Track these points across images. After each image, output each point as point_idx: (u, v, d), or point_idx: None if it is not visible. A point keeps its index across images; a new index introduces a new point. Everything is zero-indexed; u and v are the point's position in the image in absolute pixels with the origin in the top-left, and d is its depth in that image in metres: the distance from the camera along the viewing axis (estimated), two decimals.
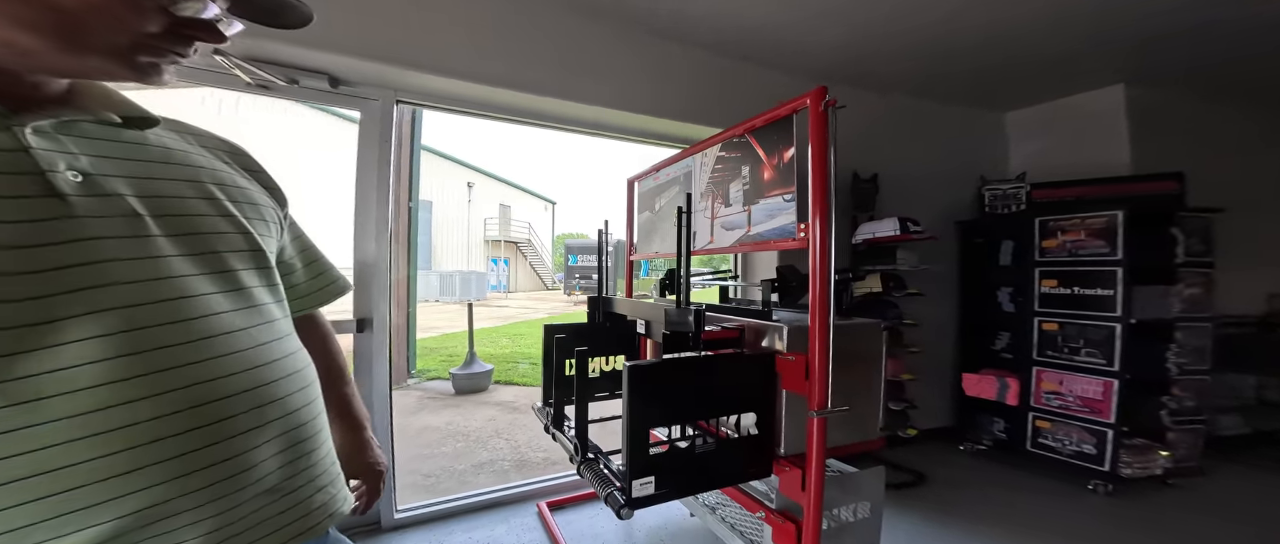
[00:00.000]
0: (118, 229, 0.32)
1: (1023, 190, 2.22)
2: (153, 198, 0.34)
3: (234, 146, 0.46)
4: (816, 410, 0.89)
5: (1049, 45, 1.84)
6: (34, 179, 0.29)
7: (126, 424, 0.29)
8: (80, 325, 0.29)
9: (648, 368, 0.87)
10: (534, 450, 2.64)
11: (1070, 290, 1.96)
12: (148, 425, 0.30)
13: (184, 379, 0.32)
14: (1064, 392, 1.97)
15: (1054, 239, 2.01)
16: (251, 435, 0.35)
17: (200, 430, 0.32)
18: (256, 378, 0.36)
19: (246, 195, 0.42)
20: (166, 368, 0.31)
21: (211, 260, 0.36)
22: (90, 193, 0.31)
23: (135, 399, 0.30)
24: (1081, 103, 2.32)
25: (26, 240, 0.28)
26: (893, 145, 2.31)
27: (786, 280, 1.14)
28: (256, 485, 0.35)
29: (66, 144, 0.32)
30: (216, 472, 0.33)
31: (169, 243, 0.34)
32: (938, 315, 2.39)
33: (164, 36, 0.31)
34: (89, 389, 0.28)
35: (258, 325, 0.38)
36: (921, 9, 1.62)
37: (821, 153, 0.86)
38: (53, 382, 0.27)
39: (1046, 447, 2.03)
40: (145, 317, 0.31)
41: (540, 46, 1.61)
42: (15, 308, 0.27)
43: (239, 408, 0.34)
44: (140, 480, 0.29)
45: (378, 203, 1.50)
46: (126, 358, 0.30)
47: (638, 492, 0.87)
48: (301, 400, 0.40)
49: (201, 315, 0.34)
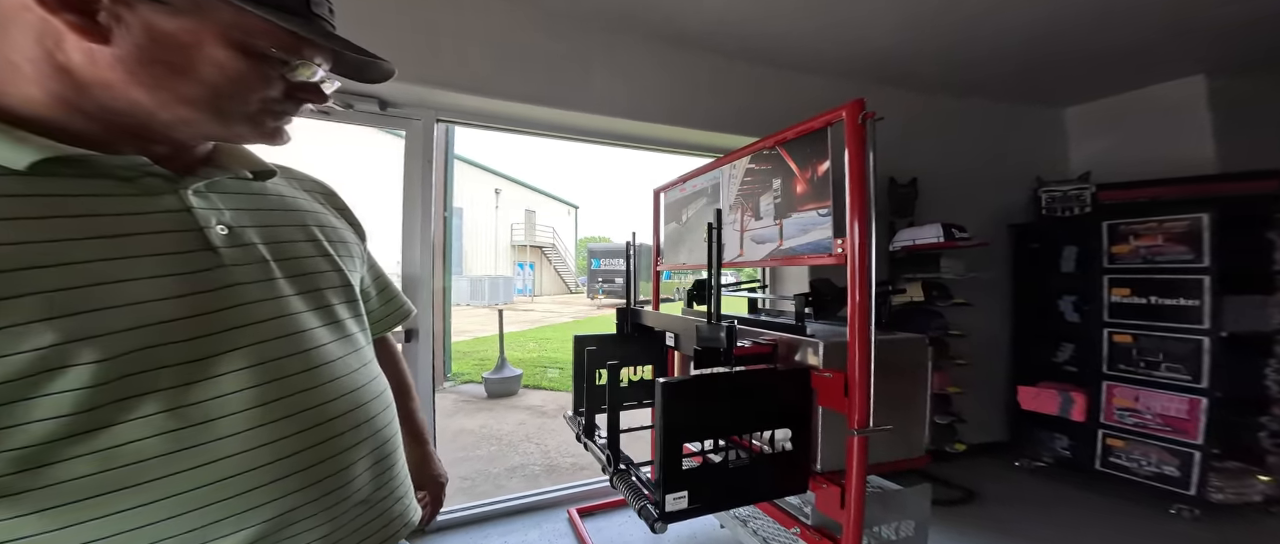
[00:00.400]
0: (253, 275, 0.37)
1: (1087, 192, 2.04)
2: (275, 244, 0.40)
3: (327, 188, 0.52)
4: (857, 429, 0.86)
5: (1117, 35, 1.69)
6: (195, 235, 0.35)
7: (266, 443, 0.34)
8: (230, 360, 0.34)
9: (681, 384, 0.87)
10: (563, 456, 2.69)
11: (1146, 300, 1.79)
12: (280, 444, 0.35)
13: (303, 404, 0.37)
14: (1141, 408, 1.79)
15: (1126, 244, 1.84)
16: (351, 453, 0.39)
17: (316, 449, 0.37)
18: (353, 401, 0.41)
19: (339, 235, 0.47)
20: (290, 394, 0.36)
21: (316, 297, 0.41)
22: (233, 244, 0.36)
23: (271, 422, 0.35)
24: (1154, 95, 2.11)
25: (192, 289, 0.33)
26: (934, 147, 2.19)
27: (821, 294, 1.11)
28: (354, 497, 0.39)
29: (214, 201, 0.37)
30: (328, 485, 0.37)
31: (287, 283, 0.39)
32: (988, 325, 2.24)
33: (282, 101, 0.36)
34: (240, 413, 0.33)
35: (351, 354, 0.43)
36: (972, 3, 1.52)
37: (859, 167, 0.83)
38: (216, 406, 0.33)
39: (1119, 466, 1.85)
40: (274, 350, 0.36)
41: (569, 64, 1.66)
42: (186, 346, 0.32)
43: (342, 428, 0.39)
44: (276, 491, 0.34)
45: (423, 218, 1.60)
46: (263, 386, 0.35)
47: (671, 506, 0.88)
48: (386, 419, 0.44)
49: (313, 347, 0.39)
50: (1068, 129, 2.41)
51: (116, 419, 0.29)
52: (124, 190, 0.32)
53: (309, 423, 0.37)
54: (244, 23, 0.32)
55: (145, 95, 0.31)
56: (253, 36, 0.32)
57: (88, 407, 0.28)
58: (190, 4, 0.31)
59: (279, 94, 0.36)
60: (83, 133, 0.32)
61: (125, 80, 0.31)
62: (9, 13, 0.29)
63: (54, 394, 0.27)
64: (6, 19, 0.29)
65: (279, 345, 0.36)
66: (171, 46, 0.31)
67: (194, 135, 0.36)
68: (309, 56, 0.35)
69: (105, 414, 0.28)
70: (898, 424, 0.90)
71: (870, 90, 2.09)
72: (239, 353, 0.34)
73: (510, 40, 1.58)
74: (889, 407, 0.88)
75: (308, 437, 0.36)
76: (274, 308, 0.37)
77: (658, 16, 1.62)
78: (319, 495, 0.37)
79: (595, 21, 1.66)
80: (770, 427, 0.94)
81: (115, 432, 0.29)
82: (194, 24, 0.31)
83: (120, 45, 0.30)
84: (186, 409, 0.31)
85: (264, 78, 0.34)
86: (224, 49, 0.32)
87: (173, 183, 0.35)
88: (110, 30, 0.29)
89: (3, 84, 0.30)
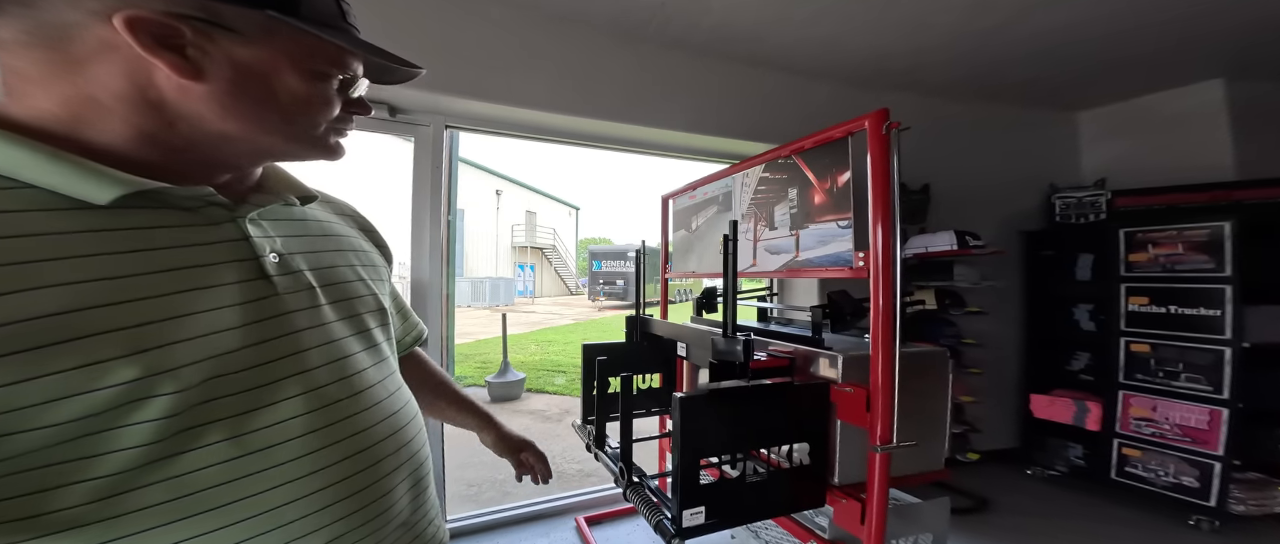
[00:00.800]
0: (302, 302, 0.37)
1: (1102, 198, 2.02)
2: (319, 270, 0.40)
3: (355, 212, 0.52)
4: (880, 445, 0.84)
5: (1132, 39, 1.67)
6: (252, 264, 0.35)
7: (319, 469, 0.34)
8: (284, 387, 0.34)
9: (698, 399, 0.86)
10: (569, 462, 2.67)
11: (1165, 309, 1.76)
12: (330, 470, 0.35)
13: (349, 430, 0.37)
14: (1158, 418, 1.77)
15: (1144, 252, 1.81)
16: (393, 476, 0.39)
17: (363, 473, 0.37)
18: (392, 425, 0.40)
19: (369, 259, 0.47)
20: (338, 421, 0.36)
21: (356, 322, 0.41)
22: (284, 271, 0.36)
23: (322, 448, 0.35)
24: (1169, 100, 2.08)
25: (251, 319, 0.33)
26: (946, 152, 2.16)
27: (839, 307, 1.09)
28: (396, 519, 0.39)
29: (266, 228, 0.37)
30: (374, 508, 0.37)
31: (331, 309, 0.39)
32: (999, 332, 2.21)
33: (341, 117, 0.38)
34: (295, 439, 0.34)
35: (388, 377, 0.43)
36: (985, 11, 1.51)
37: (884, 178, 0.81)
38: (273, 434, 0.33)
39: (1136, 476, 1.82)
40: (323, 377, 0.36)
41: (578, 70, 1.65)
42: (245, 375, 0.32)
43: (384, 453, 0.39)
44: (329, 516, 0.34)
45: (432, 224, 1.59)
46: (314, 413, 0.35)
47: (688, 522, 0.86)
48: (420, 441, 0.44)
49: (356, 372, 0.39)
50: (1081, 134, 2.38)
51: (185, 448, 0.29)
52: (189, 220, 0.33)
53: (355, 448, 0.37)
54: (304, 43, 0.33)
55: (236, 126, 0.33)
56: (314, 58, 0.34)
57: (161, 437, 0.28)
58: (261, 31, 0.31)
59: (338, 111, 0.37)
60: (154, 164, 0.32)
61: (218, 114, 0.32)
62: (90, 52, 0.28)
63: (132, 426, 0.27)
64: (87, 58, 0.28)
65: (326, 372, 0.36)
66: (253, 77, 0.32)
67: (268, 160, 0.38)
68: (355, 69, 0.37)
69: (176, 443, 0.29)
70: (919, 438, 0.88)
71: (882, 97, 2.08)
72: (292, 381, 0.34)
73: (520, 48, 1.57)
74: (910, 420, 0.87)
75: (355, 462, 0.36)
76: (321, 334, 0.37)
77: (668, 25, 1.61)
78: (367, 518, 0.36)
79: (604, 29, 1.65)
80: (788, 440, 0.92)
81: (184, 460, 0.29)
82: (267, 52, 0.32)
83: (213, 81, 0.31)
84: (245, 438, 0.31)
85: (327, 98, 0.36)
86: (294, 74, 0.33)
87: (231, 211, 0.35)
88: (202, 66, 0.30)
89: (83, 120, 0.30)
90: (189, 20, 0.29)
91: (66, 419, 0.25)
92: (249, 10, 0.30)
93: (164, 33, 0.28)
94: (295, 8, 0.31)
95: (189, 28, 0.29)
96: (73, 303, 0.26)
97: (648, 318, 1.46)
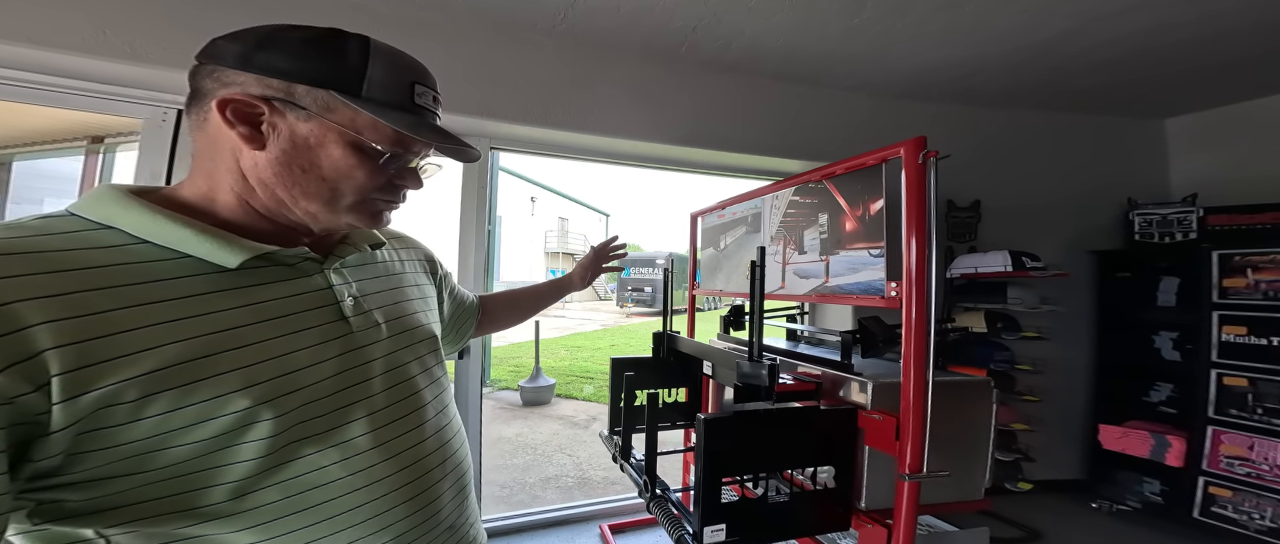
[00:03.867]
0: (371, 338, 0.44)
1: (1192, 215, 1.81)
2: (383, 308, 0.47)
3: (417, 244, 0.60)
4: (909, 475, 0.83)
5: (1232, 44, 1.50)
6: (334, 309, 0.42)
7: (383, 477, 0.41)
8: (357, 410, 0.41)
9: (722, 421, 0.88)
10: (595, 469, 2.73)
11: (1266, 341, 1.58)
12: (392, 478, 0.42)
13: (405, 444, 0.44)
14: (1255, 458, 1.57)
15: (1242, 277, 1.63)
16: (441, 485, 0.46)
17: (417, 482, 0.44)
18: (440, 439, 0.48)
19: (424, 292, 0.55)
20: (397, 436, 0.43)
21: (414, 350, 0.48)
22: (358, 313, 0.44)
23: (385, 460, 0.42)
24: (1273, 105, 1.84)
25: (331, 355, 0.40)
26: (1001, 166, 2.03)
27: (871, 335, 1.08)
28: (444, 521, 0.46)
29: (345, 275, 0.45)
30: (427, 511, 0.44)
31: (392, 341, 0.46)
32: (1064, 357, 2.04)
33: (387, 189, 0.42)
34: (365, 452, 0.41)
35: (438, 396, 0.50)
36: (1047, 21, 1.42)
37: (920, 210, 0.81)
38: (348, 448, 0.40)
39: (1224, 517, 1.64)
40: (386, 400, 0.44)
41: (613, 94, 1.74)
42: (328, 401, 0.39)
43: (434, 464, 0.46)
44: (392, 517, 0.41)
45: (478, 243, 1.72)
46: (379, 430, 0.42)
47: (709, 539, 0.88)
48: (464, 453, 0.51)
49: (412, 394, 0.46)
50: (1167, 144, 2.15)
51: (287, 460, 0.37)
52: (289, 275, 0.40)
53: (410, 460, 0.44)
54: (358, 121, 0.37)
55: (284, 193, 0.38)
56: (364, 134, 0.37)
57: (268, 452, 0.35)
58: (322, 108, 0.36)
59: (384, 183, 0.41)
60: (263, 231, 0.40)
61: (273, 181, 0.38)
62: (214, 132, 0.37)
63: (247, 443, 0.35)
64: (214, 138, 0.37)
65: (387, 396, 0.44)
66: (302, 147, 0.37)
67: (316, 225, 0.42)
68: (413, 150, 0.41)
69: (280, 456, 0.36)
70: (955, 468, 0.85)
71: (926, 108, 2.00)
72: (362, 404, 0.41)
73: (561, 74, 1.69)
74: (946, 450, 0.84)
75: (412, 472, 0.44)
76: (385, 364, 0.44)
77: (700, 47, 1.66)
78: (421, 520, 0.43)
79: (635, 53, 1.73)
80: (812, 463, 0.92)
81: (288, 469, 0.37)
82: (320, 126, 0.37)
83: (271, 150, 0.37)
84: (327, 451, 0.39)
85: (371, 172, 0.39)
86: (340, 147, 0.37)
87: (319, 264, 0.42)
88: (267, 137, 0.36)
89: (213, 194, 0.39)
90: (269, 100, 0.35)
91: (203, 438, 0.32)
92: (317, 90, 0.36)
93: (246, 110, 0.35)
94: (356, 89, 0.36)
95: (268, 106, 0.35)
96: (209, 349, 0.33)
97: (675, 334, 1.49)
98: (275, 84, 0.36)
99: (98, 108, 1.33)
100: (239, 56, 0.36)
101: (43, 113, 1.37)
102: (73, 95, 1.29)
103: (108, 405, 0.29)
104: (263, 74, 0.35)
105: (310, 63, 0.36)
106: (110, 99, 1.32)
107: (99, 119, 1.72)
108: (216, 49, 0.37)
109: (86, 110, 1.33)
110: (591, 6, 1.46)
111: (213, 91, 0.36)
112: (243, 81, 0.36)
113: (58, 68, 1.23)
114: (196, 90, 0.37)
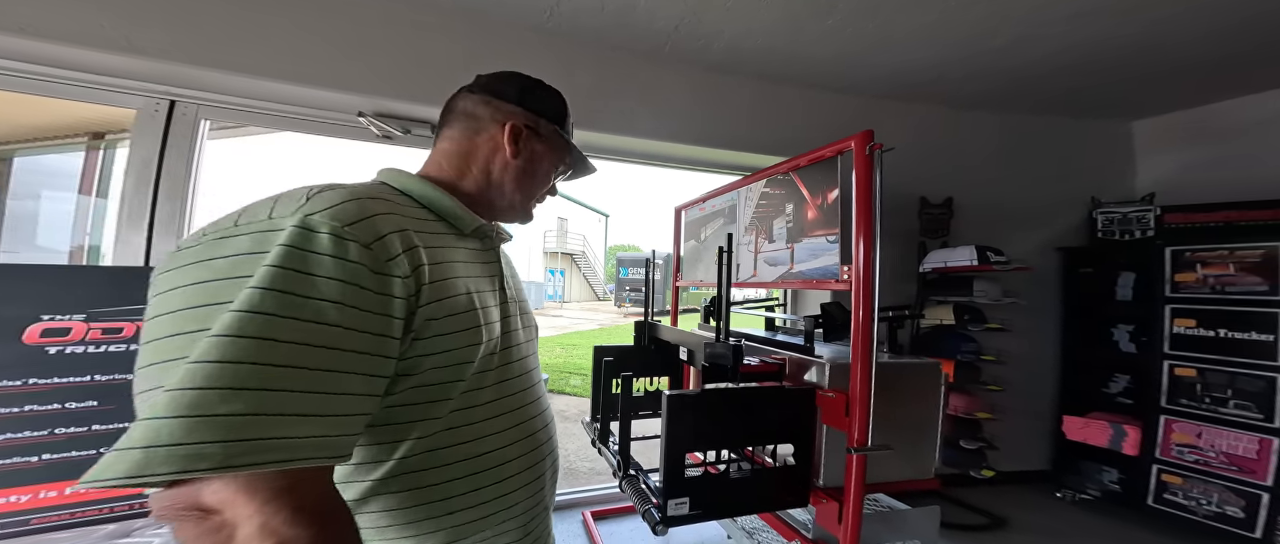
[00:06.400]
0: (512, 311, 0.53)
1: (1150, 214, 1.90)
2: (517, 292, 0.57)
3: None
4: (855, 448, 0.88)
5: (1197, 45, 1.56)
6: (500, 280, 0.52)
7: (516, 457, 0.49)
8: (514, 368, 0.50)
9: (685, 397, 0.93)
10: (581, 460, 2.77)
11: (1214, 333, 1.65)
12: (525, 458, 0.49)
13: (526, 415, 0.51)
14: (1203, 446, 1.65)
15: (1192, 272, 1.71)
16: (547, 464, 0.53)
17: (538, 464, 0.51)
18: (545, 419, 0.55)
19: (519, 281, 0.63)
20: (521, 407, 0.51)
21: (528, 332, 0.57)
22: (506, 292, 0.53)
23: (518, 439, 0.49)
24: (1236, 109, 1.92)
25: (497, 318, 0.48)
26: (972, 165, 2.11)
27: (832, 318, 1.13)
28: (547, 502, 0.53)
29: (503, 257, 0.56)
30: (542, 492, 0.52)
31: (519, 320, 0.54)
32: (1031, 351, 2.11)
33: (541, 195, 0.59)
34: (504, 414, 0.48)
35: (541, 381, 0.57)
36: (1001, 27, 1.50)
37: (866, 198, 0.87)
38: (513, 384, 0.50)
39: (1175, 504, 1.71)
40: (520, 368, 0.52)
41: (603, 90, 1.79)
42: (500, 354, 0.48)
43: (546, 446, 0.53)
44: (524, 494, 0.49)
45: None
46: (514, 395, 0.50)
47: (672, 511, 0.93)
48: (556, 438, 0.58)
49: (529, 371, 0.54)
50: (1134, 146, 2.23)
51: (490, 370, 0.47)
52: (489, 246, 0.53)
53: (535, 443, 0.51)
54: (559, 146, 0.57)
55: (512, 189, 0.54)
56: (559, 155, 0.57)
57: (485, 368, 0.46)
58: (552, 133, 0.56)
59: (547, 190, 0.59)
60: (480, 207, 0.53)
61: (512, 182, 0.54)
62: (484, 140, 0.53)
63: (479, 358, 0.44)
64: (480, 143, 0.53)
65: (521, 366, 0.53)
66: (534, 159, 0.55)
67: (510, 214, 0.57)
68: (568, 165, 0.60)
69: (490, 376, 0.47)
70: (904, 446, 0.90)
71: (903, 106, 2.07)
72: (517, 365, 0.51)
73: (554, 71, 1.73)
74: (897, 428, 0.89)
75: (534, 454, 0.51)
76: (521, 335, 0.54)
77: (683, 47, 1.72)
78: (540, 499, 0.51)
79: (623, 51, 1.78)
80: (774, 441, 0.98)
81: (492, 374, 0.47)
82: (544, 147, 0.55)
83: (519, 159, 0.54)
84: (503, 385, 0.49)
85: (550, 180, 0.59)
86: (549, 163, 0.56)
87: (497, 241, 0.54)
88: (520, 151, 0.54)
89: (461, 177, 0.53)
90: (529, 127, 0.54)
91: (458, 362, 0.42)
92: (550, 123, 0.56)
93: (519, 131, 0.53)
94: (565, 125, 0.57)
95: (527, 130, 0.53)
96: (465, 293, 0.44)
97: (655, 323, 1.54)
98: (533, 118, 0.55)
99: (92, 98, 1.36)
100: (516, 97, 0.54)
101: (44, 109, 1.40)
102: (66, 85, 1.33)
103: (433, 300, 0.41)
104: (529, 110, 0.55)
105: (547, 105, 0.56)
106: (105, 89, 1.36)
107: (100, 116, 1.75)
108: (494, 87, 0.55)
109: (80, 100, 1.36)
110: (577, 6, 1.52)
111: (493, 116, 0.53)
112: (517, 113, 0.54)
113: (53, 58, 1.26)
114: (468, 112, 0.54)
